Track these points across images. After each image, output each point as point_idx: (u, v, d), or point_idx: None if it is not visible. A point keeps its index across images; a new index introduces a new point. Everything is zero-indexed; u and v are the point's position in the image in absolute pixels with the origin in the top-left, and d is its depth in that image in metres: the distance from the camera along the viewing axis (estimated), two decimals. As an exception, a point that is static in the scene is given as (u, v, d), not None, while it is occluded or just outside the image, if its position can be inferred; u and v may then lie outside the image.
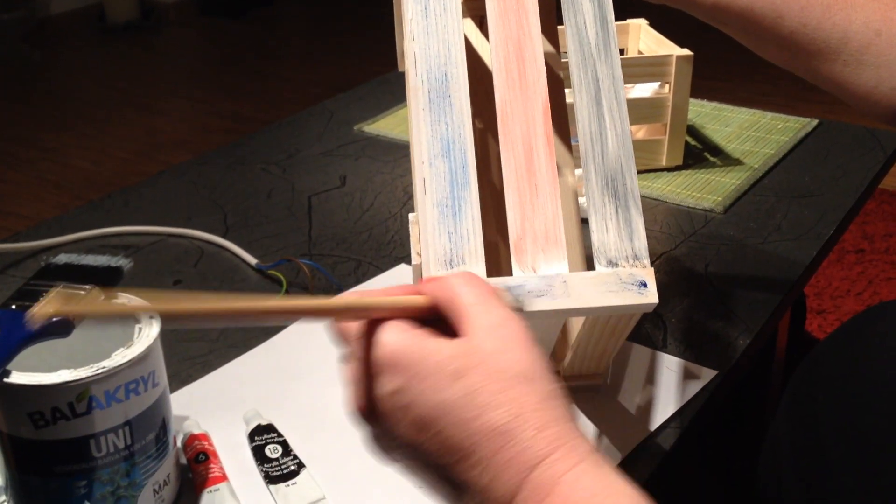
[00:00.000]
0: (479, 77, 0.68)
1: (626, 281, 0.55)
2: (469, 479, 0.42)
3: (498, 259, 0.69)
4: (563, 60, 0.66)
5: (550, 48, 0.67)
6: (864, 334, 0.61)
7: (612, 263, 0.56)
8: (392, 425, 0.45)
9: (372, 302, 0.46)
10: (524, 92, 0.59)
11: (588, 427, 0.68)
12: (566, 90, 0.67)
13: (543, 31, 0.62)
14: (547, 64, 0.61)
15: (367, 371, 0.46)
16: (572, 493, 0.41)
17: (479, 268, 0.54)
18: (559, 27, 0.66)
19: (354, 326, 0.46)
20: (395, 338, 0.45)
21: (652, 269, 0.56)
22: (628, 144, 0.58)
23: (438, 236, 0.55)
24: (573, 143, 0.65)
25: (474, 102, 0.60)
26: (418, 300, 0.47)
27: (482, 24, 0.71)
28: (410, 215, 0.64)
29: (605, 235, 0.56)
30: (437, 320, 0.46)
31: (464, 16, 0.62)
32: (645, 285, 0.55)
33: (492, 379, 0.43)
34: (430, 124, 0.57)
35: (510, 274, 0.55)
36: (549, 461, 0.41)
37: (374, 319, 0.46)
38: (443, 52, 0.59)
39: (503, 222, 0.58)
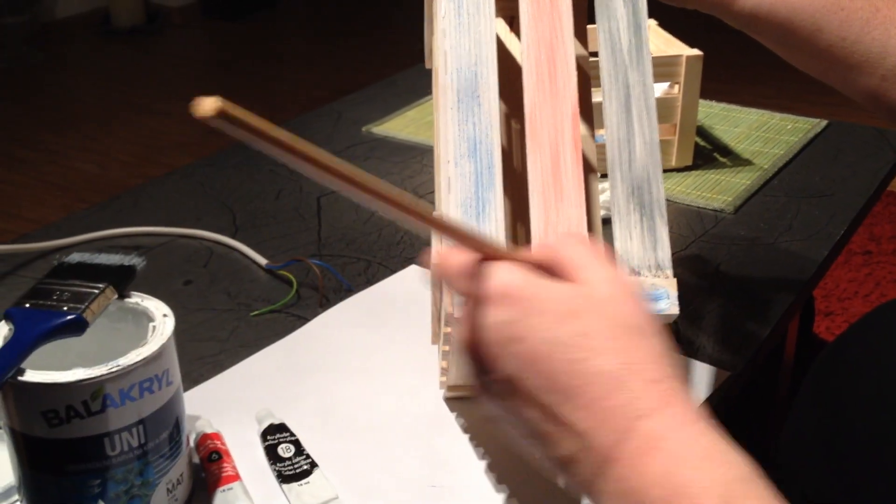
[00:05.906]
0: (510, 77, 0.67)
1: (647, 291, 0.54)
2: (571, 422, 0.41)
3: None
4: (591, 60, 0.65)
5: (581, 49, 0.66)
6: (884, 326, 0.60)
7: (634, 272, 0.55)
8: (497, 355, 0.44)
9: (491, 242, 0.47)
10: (554, 96, 0.58)
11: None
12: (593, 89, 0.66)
13: (575, 31, 0.61)
14: (577, 65, 0.60)
15: (476, 303, 0.45)
16: (682, 449, 0.39)
17: None
18: (589, 26, 0.65)
19: (459, 263, 0.46)
20: (509, 274, 0.44)
21: (675, 279, 0.55)
22: (656, 153, 0.57)
23: None
24: (597, 143, 0.64)
25: (506, 101, 0.58)
26: (530, 254, 0.47)
27: (512, 23, 0.70)
28: (433, 214, 0.63)
29: (628, 244, 0.55)
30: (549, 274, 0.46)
31: (496, 15, 0.61)
32: (667, 296, 0.54)
33: (605, 325, 0.42)
34: (458, 123, 0.56)
35: None
36: (660, 414, 0.40)
37: (483, 259, 0.46)
38: (474, 51, 0.58)
39: (527, 225, 0.57)
